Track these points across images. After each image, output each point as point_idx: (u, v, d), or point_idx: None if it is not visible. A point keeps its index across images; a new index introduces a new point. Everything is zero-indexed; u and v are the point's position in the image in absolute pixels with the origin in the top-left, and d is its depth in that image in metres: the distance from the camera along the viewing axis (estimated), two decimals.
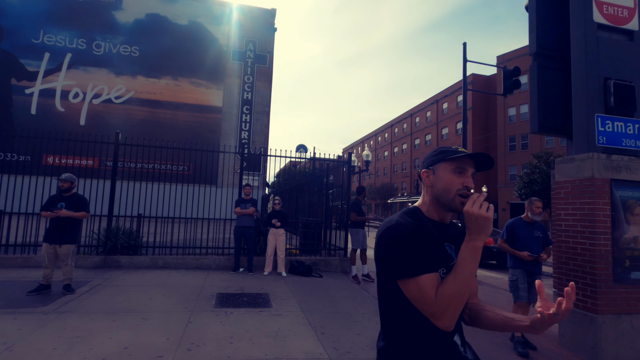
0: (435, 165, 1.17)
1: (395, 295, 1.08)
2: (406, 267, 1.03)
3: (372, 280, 6.94)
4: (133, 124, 27.25)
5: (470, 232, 1.02)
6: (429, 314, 1.01)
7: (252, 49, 29.13)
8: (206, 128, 28.32)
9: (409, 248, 1.03)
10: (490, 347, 3.92)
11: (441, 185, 1.13)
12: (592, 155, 3.92)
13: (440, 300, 0.99)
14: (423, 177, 1.20)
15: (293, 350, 3.31)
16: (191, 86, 29.38)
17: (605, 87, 4.22)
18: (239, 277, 6.31)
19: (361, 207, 7.01)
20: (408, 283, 1.03)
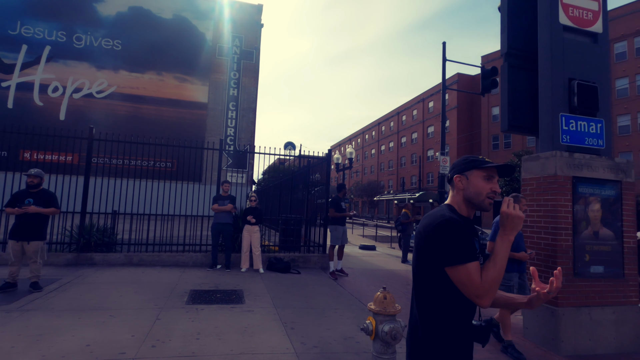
0: (468, 172, 1.37)
1: (438, 280, 1.26)
2: (458, 255, 1.21)
3: (346, 275, 7.04)
4: (115, 119, 26.60)
5: (505, 229, 1.25)
6: (474, 295, 1.20)
7: (239, 44, 28.74)
8: (191, 124, 27.86)
9: (461, 239, 1.22)
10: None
11: (473, 189, 1.34)
12: (555, 154, 4.04)
13: (484, 283, 1.19)
14: (455, 181, 1.40)
15: (260, 345, 3.33)
16: (176, 82, 28.82)
17: (569, 87, 4.35)
18: (216, 274, 6.29)
19: (340, 204, 7.06)
20: (458, 269, 1.20)
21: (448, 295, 1.27)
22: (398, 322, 2.80)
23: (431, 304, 1.30)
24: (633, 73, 27.32)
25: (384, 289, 2.92)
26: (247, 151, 8.72)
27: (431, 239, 1.27)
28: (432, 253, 1.27)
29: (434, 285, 1.29)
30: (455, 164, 1.45)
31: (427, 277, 1.30)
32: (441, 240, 1.24)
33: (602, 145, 4.37)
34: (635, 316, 4.11)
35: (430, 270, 1.28)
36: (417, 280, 1.35)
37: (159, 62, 28.11)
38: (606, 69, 4.59)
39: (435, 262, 1.26)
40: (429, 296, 1.30)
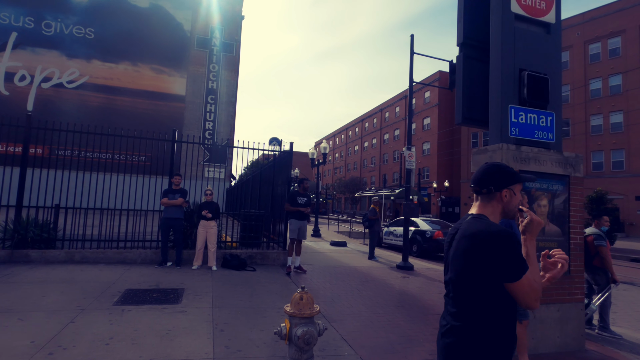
0: (514, 185, 1.40)
1: (494, 294, 1.26)
2: (520, 269, 1.22)
3: (304, 272, 6.84)
4: (88, 110, 25.44)
5: (532, 234, 1.38)
6: (534, 299, 1.23)
7: (218, 36, 27.95)
8: (168, 117, 26.96)
9: (518, 252, 1.24)
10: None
11: (514, 203, 1.40)
12: (502, 146, 3.89)
13: (539, 286, 1.25)
14: (503, 195, 1.39)
15: (176, 350, 3.05)
16: (152, 73, 27.80)
17: (519, 78, 4.21)
18: (163, 271, 5.95)
19: (296, 198, 6.83)
20: (522, 281, 1.21)
21: (500, 304, 1.27)
22: (315, 325, 2.58)
23: (480, 312, 1.28)
24: (606, 74, 28.00)
25: (302, 289, 2.69)
26: (224, 145, 8.31)
27: (486, 254, 1.24)
28: (488, 269, 1.25)
29: (486, 297, 1.27)
30: (496, 174, 1.41)
31: (477, 289, 1.29)
32: (500, 256, 1.22)
33: (552, 139, 4.26)
34: (579, 313, 4.02)
35: (484, 283, 1.27)
36: (463, 291, 1.33)
37: (134, 52, 27.07)
38: (558, 61, 4.47)
39: (493, 278, 1.25)
40: (478, 307, 1.29)
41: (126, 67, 26.48)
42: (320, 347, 3.44)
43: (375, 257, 9.43)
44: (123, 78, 26.59)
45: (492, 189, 1.39)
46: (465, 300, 1.31)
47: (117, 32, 26.01)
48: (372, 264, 8.72)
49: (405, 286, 6.43)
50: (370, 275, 7.20)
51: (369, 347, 3.53)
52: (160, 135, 7.63)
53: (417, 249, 11.93)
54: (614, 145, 27.37)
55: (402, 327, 4.22)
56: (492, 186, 1.39)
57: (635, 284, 8.66)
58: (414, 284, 6.67)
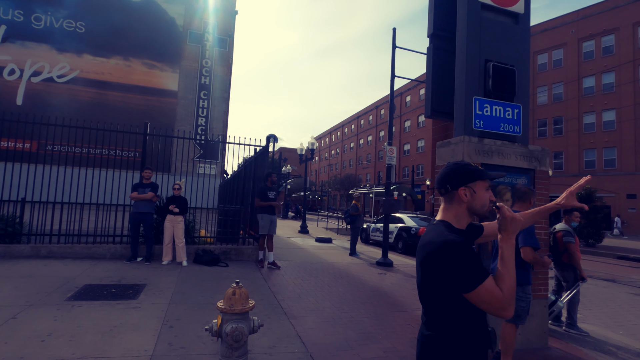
0: (473, 183, 1.29)
1: (453, 302, 1.19)
2: (474, 278, 1.12)
3: (278, 268, 6.76)
4: (78, 105, 25.13)
5: (508, 232, 1.24)
6: (498, 309, 1.13)
7: (211, 31, 27.65)
8: (160, 113, 26.67)
9: (470, 261, 1.13)
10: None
11: (480, 201, 1.29)
12: (463, 139, 3.79)
13: (506, 294, 1.13)
14: (460, 194, 1.29)
15: (114, 347, 2.94)
16: (144, 68, 27.49)
17: (485, 69, 4.10)
18: (131, 267, 5.83)
19: (266, 193, 6.74)
20: (478, 292, 1.12)
21: (464, 312, 1.20)
22: (248, 322, 2.47)
23: (445, 321, 1.24)
24: (599, 72, 27.97)
25: (237, 283, 2.58)
26: (216, 141, 8.20)
27: (437, 266, 1.19)
28: (442, 280, 1.19)
29: (448, 306, 1.22)
30: (451, 173, 1.33)
31: (438, 299, 1.24)
32: (450, 267, 1.15)
33: (518, 132, 4.15)
34: (542, 310, 3.94)
35: (442, 294, 1.21)
36: (426, 300, 1.29)
37: (125, 46, 26.74)
38: (526, 52, 4.36)
39: (449, 289, 1.19)
40: (443, 316, 1.24)
41: (117, 62, 26.14)
42: (271, 344, 3.34)
43: (357, 253, 9.34)
44: (114, 73, 26.25)
45: (448, 187, 1.32)
46: (430, 309, 1.27)
47: (109, 26, 25.68)
48: (352, 260, 8.63)
49: (379, 282, 6.34)
50: (346, 271, 7.10)
51: (322, 344, 3.44)
52: (154, 130, 7.54)
53: (402, 245, 11.86)
54: (606, 143, 27.40)
55: (364, 323, 4.12)
56: (448, 185, 1.32)
57: (617, 281, 8.62)
58: (389, 281, 6.58)
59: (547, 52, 31.23)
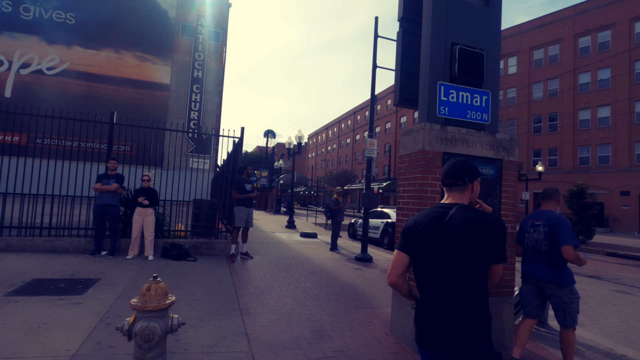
0: (479, 178, 1.67)
1: (483, 271, 1.51)
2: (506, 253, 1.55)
3: (251, 258, 6.61)
4: (68, 98, 24.73)
5: None
6: (498, 282, 1.85)
7: (204, 24, 27.24)
8: (152, 106, 26.27)
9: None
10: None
11: (477, 193, 1.68)
12: (424, 126, 3.55)
13: None
14: (474, 186, 1.64)
15: (34, 347, 2.72)
16: (135, 60, 27.03)
17: (451, 52, 3.86)
18: (92, 261, 5.61)
19: (243, 186, 6.53)
20: (502, 265, 1.55)
21: (485, 285, 1.54)
22: (164, 320, 2.24)
23: (480, 291, 1.50)
24: (595, 68, 27.72)
25: (154, 278, 2.36)
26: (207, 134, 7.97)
27: (495, 238, 1.48)
28: (490, 250, 1.49)
29: (484, 277, 1.52)
30: (470, 168, 1.62)
31: (480, 271, 1.50)
32: (503, 241, 1.50)
33: (486, 120, 3.93)
34: (508, 308, 3.74)
35: (484, 266, 1.50)
36: (470, 274, 1.49)
37: (117, 39, 26.26)
38: (497, 35, 4.12)
39: (487, 259, 1.50)
40: (478, 287, 1.50)
41: (108, 54, 25.71)
42: (213, 342, 3.13)
43: (338, 248, 9.14)
44: (105, 65, 25.82)
45: (466, 180, 1.59)
46: (475, 282, 1.48)
47: (99, 18, 25.20)
48: (332, 255, 8.43)
49: (353, 278, 6.14)
50: (321, 266, 6.90)
51: (269, 343, 3.23)
52: (147, 123, 7.34)
53: (387, 240, 11.67)
54: (600, 140, 27.22)
55: (322, 321, 3.92)
56: (467, 178, 1.59)
57: (601, 278, 8.45)
58: (364, 276, 6.38)
59: (543, 47, 30.95)
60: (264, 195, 32.40)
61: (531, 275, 3.24)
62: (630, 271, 9.65)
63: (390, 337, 3.64)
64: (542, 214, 3.25)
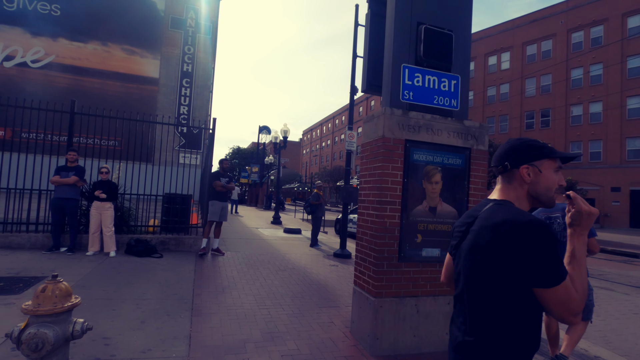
0: (539, 161, 1.13)
1: (518, 301, 1.01)
2: (559, 271, 0.97)
3: (222, 254, 6.46)
4: (54, 92, 24.12)
5: (582, 228, 1.06)
6: (571, 312, 0.97)
7: (194, 17, 26.70)
8: (140, 100, 25.72)
9: (557, 251, 0.97)
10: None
11: (545, 183, 1.12)
12: (384, 111, 3.28)
13: (581, 296, 0.98)
14: (522, 173, 1.14)
15: None
16: (123, 54, 26.43)
17: (417, 33, 3.58)
18: (46, 257, 5.30)
19: (220, 179, 6.29)
20: (558, 289, 0.96)
21: (525, 314, 1.02)
22: (62, 325, 1.95)
23: (500, 324, 1.03)
24: (587, 63, 27.60)
25: (53, 277, 2.07)
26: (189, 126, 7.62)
27: (515, 249, 0.98)
28: (514, 269, 0.98)
29: (508, 305, 1.02)
30: (513, 149, 1.17)
31: (498, 295, 1.03)
32: (533, 253, 0.96)
33: (455, 107, 3.66)
34: None
35: (506, 287, 1.01)
36: (477, 296, 1.07)
37: (104, 31, 25.66)
38: (468, 16, 3.85)
39: (518, 281, 0.99)
40: (498, 317, 1.03)
41: (95, 47, 25.10)
42: (149, 346, 2.85)
43: (318, 244, 8.89)
44: (92, 58, 25.23)
45: (507, 165, 1.15)
46: (481, 308, 1.06)
47: (86, 10, 24.59)
48: (310, 251, 8.17)
49: (325, 275, 5.88)
50: (295, 263, 6.64)
51: (211, 347, 2.96)
52: (134, 116, 7.03)
53: None
54: (592, 136, 27.16)
55: (279, 321, 3.66)
56: (507, 162, 1.15)
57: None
58: (337, 273, 6.12)
59: (536, 42, 30.77)
60: (255, 191, 32.08)
61: None
62: (617, 267, 9.50)
63: (349, 339, 3.38)
64: (557, 206, 3.15)
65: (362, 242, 3.46)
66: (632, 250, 12.51)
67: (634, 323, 4.67)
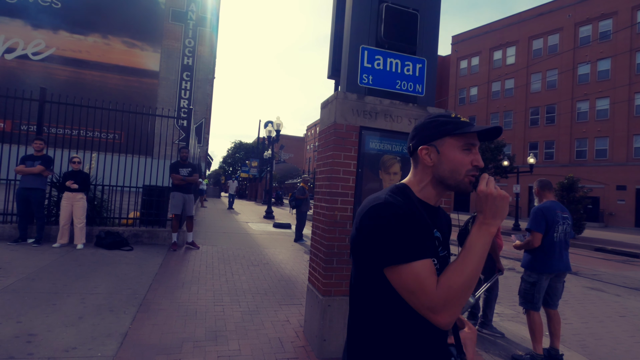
0: (438, 140, 0.98)
1: (378, 288, 0.91)
2: (399, 251, 0.85)
3: (197, 247, 6.38)
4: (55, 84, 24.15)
5: (485, 216, 0.89)
6: (426, 307, 0.85)
7: (195, 10, 26.54)
8: (140, 93, 25.69)
9: (402, 229, 0.87)
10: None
11: (449, 166, 0.96)
12: (337, 95, 3.03)
13: (443, 292, 0.83)
14: (421, 155, 1.00)
15: None
16: (123, 46, 26.37)
17: (377, 11, 3.32)
18: (9, 249, 5.16)
19: (178, 170, 6.08)
20: (401, 270, 0.85)
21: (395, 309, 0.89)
22: None
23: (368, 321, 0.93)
24: (595, 58, 26.88)
25: None
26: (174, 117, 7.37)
27: (361, 229, 0.91)
28: (365, 248, 0.91)
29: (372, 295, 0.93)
30: (416, 128, 1.03)
31: (362, 283, 0.95)
32: (374, 230, 0.88)
33: (420, 92, 3.39)
34: None
35: (366, 273, 0.93)
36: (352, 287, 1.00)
37: (104, 24, 25.62)
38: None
39: (371, 261, 0.90)
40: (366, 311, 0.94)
41: (96, 40, 25.10)
42: (75, 344, 2.68)
43: (302, 239, 8.67)
44: (92, 51, 25.24)
45: (411, 147, 1.04)
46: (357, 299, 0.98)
47: (86, 3, 24.55)
48: (293, 246, 7.97)
49: (299, 271, 5.67)
50: (272, 258, 6.44)
51: (144, 346, 2.77)
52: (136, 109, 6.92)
53: None
54: (598, 132, 26.51)
55: (230, 319, 3.46)
56: (411, 144, 1.04)
57: (579, 274, 8.00)
58: None
59: (543, 37, 30.05)
60: (254, 186, 31.98)
61: (563, 269, 3.18)
62: (613, 267, 9.16)
63: (300, 340, 3.17)
64: (563, 206, 3.29)
65: (314, 237, 3.24)
66: (632, 250, 12.12)
67: (617, 326, 4.40)
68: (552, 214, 3.15)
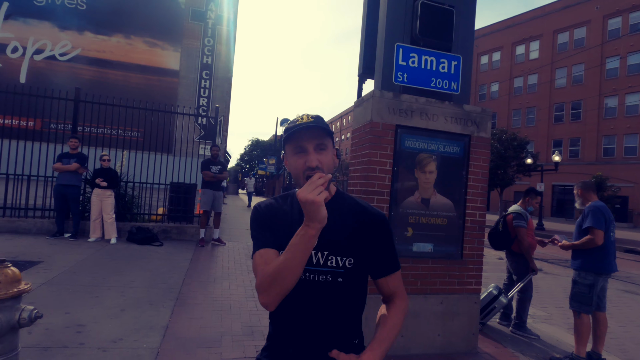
0: (285, 148, 1.05)
1: None
2: (254, 242, 1.05)
3: (223, 244, 6.46)
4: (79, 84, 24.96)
5: (305, 219, 0.90)
6: (255, 286, 0.99)
7: (214, 9, 26.87)
8: (160, 92, 26.24)
9: (256, 224, 1.06)
10: None
11: (291, 170, 1.03)
12: (373, 94, 3.02)
13: (262, 276, 0.95)
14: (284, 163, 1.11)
15: None
16: (145, 46, 26.98)
17: (412, 8, 3.28)
18: (48, 243, 5.39)
19: (210, 167, 6.19)
20: (254, 257, 1.03)
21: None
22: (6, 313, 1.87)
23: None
24: (625, 51, 25.78)
25: (1, 262, 1.99)
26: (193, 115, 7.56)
27: None
28: None
29: None
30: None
31: None
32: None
33: (455, 90, 3.35)
34: (472, 308, 3.22)
35: None
36: None
37: (127, 24, 26.24)
38: None
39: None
40: None
41: (119, 40, 25.75)
42: (122, 335, 2.78)
43: None
44: (115, 51, 25.89)
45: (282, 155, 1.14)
46: None
47: (110, 4, 25.22)
48: None
49: None
50: None
51: (186, 339, 2.85)
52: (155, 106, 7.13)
53: None
54: (627, 129, 25.46)
55: (264, 314, 3.52)
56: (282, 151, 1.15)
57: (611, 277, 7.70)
58: None
59: (569, 30, 29.01)
60: (272, 183, 32.27)
61: (614, 270, 3.20)
62: None
63: None
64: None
65: None
66: None
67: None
68: (609, 212, 3.09)
